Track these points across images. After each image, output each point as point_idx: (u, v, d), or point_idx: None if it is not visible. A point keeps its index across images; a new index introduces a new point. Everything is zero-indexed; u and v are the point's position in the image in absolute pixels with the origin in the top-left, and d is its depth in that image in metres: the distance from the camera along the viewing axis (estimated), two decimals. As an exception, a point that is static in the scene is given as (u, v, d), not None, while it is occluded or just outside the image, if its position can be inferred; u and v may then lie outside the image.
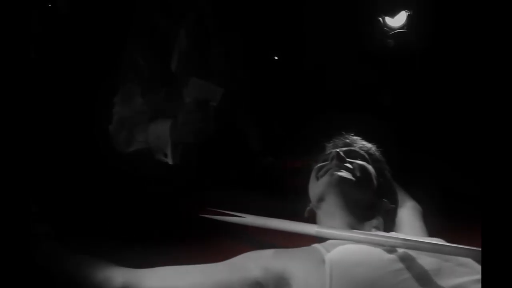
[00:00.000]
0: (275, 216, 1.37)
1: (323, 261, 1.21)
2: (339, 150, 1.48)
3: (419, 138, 2.12)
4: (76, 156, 1.87)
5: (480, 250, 1.15)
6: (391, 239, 1.26)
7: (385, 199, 1.45)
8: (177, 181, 1.87)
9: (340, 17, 2.15)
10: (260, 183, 1.90)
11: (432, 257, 1.22)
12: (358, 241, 1.26)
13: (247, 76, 2.04)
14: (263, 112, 2.09)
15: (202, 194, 1.81)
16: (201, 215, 1.41)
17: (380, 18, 2.15)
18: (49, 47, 1.96)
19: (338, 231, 1.32)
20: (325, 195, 1.42)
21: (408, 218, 1.57)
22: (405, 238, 1.25)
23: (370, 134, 1.59)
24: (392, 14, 2.14)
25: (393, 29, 2.15)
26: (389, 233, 1.37)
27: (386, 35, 2.15)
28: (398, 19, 2.14)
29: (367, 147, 1.55)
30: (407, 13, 2.14)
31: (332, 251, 1.23)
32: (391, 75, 2.21)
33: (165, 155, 1.83)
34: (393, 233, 1.39)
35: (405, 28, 2.14)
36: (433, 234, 1.47)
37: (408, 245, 1.23)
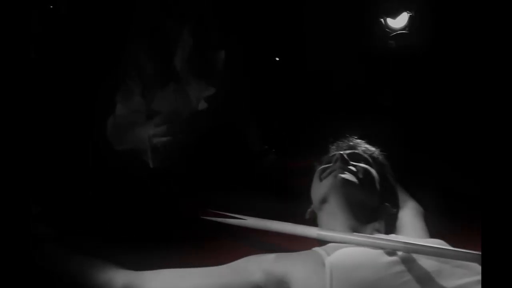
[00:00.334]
0: (276, 218, 1.36)
1: (323, 264, 1.21)
2: (343, 153, 1.48)
3: (420, 138, 2.12)
4: (76, 157, 1.86)
5: (479, 253, 1.15)
6: (392, 242, 1.25)
7: (387, 203, 1.45)
8: (178, 183, 1.87)
9: (341, 18, 2.15)
10: (262, 184, 1.89)
11: (431, 259, 1.22)
12: (359, 244, 1.26)
13: (248, 76, 2.04)
14: (265, 113, 2.09)
15: (203, 196, 1.81)
16: (202, 217, 1.41)
17: (382, 19, 2.15)
18: (49, 47, 1.95)
19: (339, 233, 1.32)
20: (328, 196, 1.41)
21: (409, 219, 1.57)
22: (406, 241, 1.25)
23: (372, 136, 1.59)
24: (394, 15, 2.14)
25: (394, 30, 2.15)
26: (389, 235, 1.37)
27: (387, 36, 2.15)
28: (399, 20, 2.14)
29: (371, 150, 1.55)
30: (408, 14, 2.13)
31: (332, 254, 1.24)
32: (393, 76, 2.21)
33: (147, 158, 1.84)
34: (393, 235, 1.39)
35: (406, 29, 2.14)
36: (434, 235, 1.47)
37: (409, 249, 1.23)
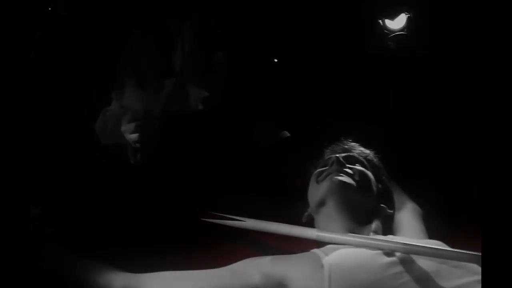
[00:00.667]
0: (275, 220, 1.37)
1: (322, 265, 1.21)
2: (339, 155, 1.49)
3: (419, 140, 2.12)
4: (76, 157, 1.86)
5: (478, 254, 1.16)
6: (391, 243, 1.26)
7: (383, 205, 1.46)
8: (177, 183, 1.87)
9: (339, 19, 2.15)
10: (261, 185, 1.90)
11: (429, 259, 1.22)
12: (358, 245, 1.27)
13: (248, 76, 2.04)
14: (263, 113, 2.09)
15: (202, 198, 1.81)
16: (201, 219, 1.41)
17: (380, 21, 2.15)
18: (49, 47, 1.95)
19: (338, 235, 1.32)
20: (325, 199, 1.42)
21: (408, 220, 1.58)
22: (405, 242, 1.26)
23: (369, 137, 1.60)
24: (392, 16, 2.13)
25: (393, 31, 2.14)
26: (387, 236, 1.38)
27: (386, 37, 2.15)
28: (398, 21, 2.13)
29: (366, 153, 1.57)
30: (407, 15, 2.13)
31: (330, 255, 1.24)
32: (391, 78, 2.21)
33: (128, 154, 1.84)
34: (391, 236, 1.40)
35: (405, 30, 2.14)
36: (433, 235, 1.47)
37: (408, 250, 1.23)
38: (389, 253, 1.23)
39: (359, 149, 1.58)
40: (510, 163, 1.03)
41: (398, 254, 1.23)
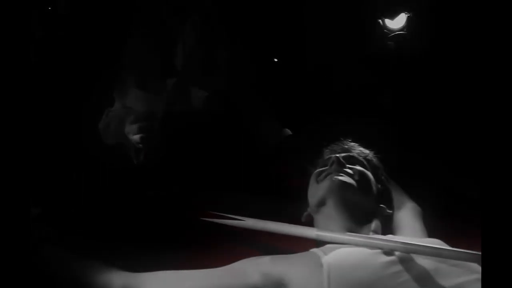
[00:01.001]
0: (275, 219, 1.37)
1: (321, 265, 1.21)
2: (338, 155, 1.50)
3: (418, 139, 2.12)
4: (76, 158, 1.86)
5: (477, 253, 1.16)
6: (390, 242, 1.26)
7: (382, 205, 1.47)
8: (176, 183, 1.87)
9: (339, 19, 2.15)
10: (260, 185, 1.90)
11: (429, 258, 1.22)
12: (358, 245, 1.27)
13: (252, 75, 2.04)
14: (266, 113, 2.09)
15: (201, 197, 1.81)
16: (201, 218, 1.41)
17: (380, 20, 2.15)
18: (49, 48, 1.95)
19: (338, 234, 1.32)
20: (325, 199, 1.43)
21: (407, 219, 1.57)
22: (404, 241, 1.26)
23: (368, 137, 1.60)
24: (392, 16, 2.14)
25: (392, 31, 2.15)
26: (386, 236, 1.38)
27: (386, 37, 2.15)
28: (397, 21, 2.14)
29: (365, 153, 1.57)
30: (406, 15, 2.14)
31: (329, 254, 1.24)
32: (391, 77, 2.22)
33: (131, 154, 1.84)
34: (391, 235, 1.40)
35: (405, 30, 2.14)
36: (432, 235, 1.47)
37: (407, 249, 1.23)
38: (388, 252, 1.23)
39: (358, 149, 1.58)
40: (510, 163, 1.03)
41: (397, 253, 1.23)
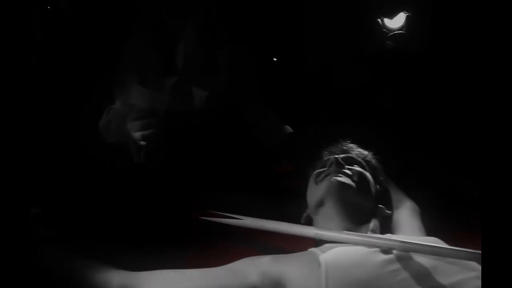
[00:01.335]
0: (273, 218, 1.37)
1: (319, 264, 1.22)
2: (337, 156, 1.50)
3: (418, 138, 2.12)
4: (76, 158, 1.87)
5: (475, 252, 1.16)
6: (389, 241, 1.27)
7: (381, 205, 1.47)
8: (175, 183, 1.87)
9: (338, 18, 2.15)
10: (260, 185, 1.90)
11: (427, 256, 1.23)
12: (357, 243, 1.27)
13: (253, 75, 2.04)
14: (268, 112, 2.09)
15: (200, 196, 1.81)
16: (200, 217, 1.41)
17: (379, 20, 2.15)
18: (49, 49, 1.95)
19: (336, 233, 1.33)
20: (324, 200, 1.43)
21: (406, 218, 1.57)
22: (403, 240, 1.26)
23: (367, 138, 1.61)
24: (391, 15, 2.14)
25: (391, 30, 2.15)
26: (385, 234, 1.38)
27: (385, 36, 2.15)
28: (396, 20, 2.14)
29: (364, 154, 1.58)
30: (405, 14, 2.14)
31: (327, 253, 1.25)
32: (390, 77, 2.22)
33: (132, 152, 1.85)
34: (389, 234, 1.40)
35: (404, 29, 2.14)
36: (431, 233, 1.47)
37: (406, 248, 1.24)
38: (386, 250, 1.24)
39: (357, 150, 1.58)
40: (510, 162, 1.03)
41: (395, 251, 1.24)
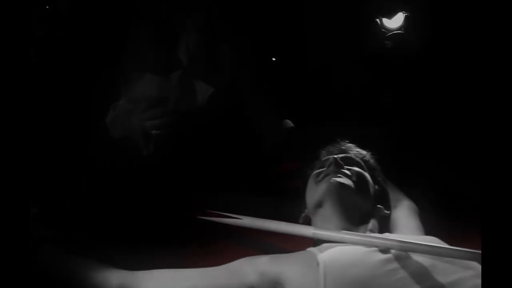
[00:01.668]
0: (272, 218, 1.38)
1: (317, 263, 1.22)
2: (336, 156, 1.50)
3: (416, 138, 2.12)
4: (76, 158, 1.87)
5: (474, 251, 1.17)
6: (388, 241, 1.27)
7: (379, 205, 1.47)
8: (174, 182, 1.87)
9: (336, 18, 2.15)
10: (259, 185, 1.90)
11: (425, 256, 1.23)
12: (355, 243, 1.28)
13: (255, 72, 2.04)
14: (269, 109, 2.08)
15: (199, 195, 1.82)
16: (198, 216, 1.42)
17: (378, 19, 2.15)
18: (49, 49, 1.96)
19: (334, 232, 1.33)
20: (323, 201, 1.43)
21: (404, 217, 1.58)
22: (401, 240, 1.27)
23: (365, 138, 1.61)
24: (390, 15, 2.14)
25: (390, 30, 2.15)
26: (383, 234, 1.39)
27: (383, 36, 2.15)
28: (395, 20, 2.14)
29: (362, 154, 1.57)
30: (404, 14, 2.14)
31: (325, 252, 1.25)
32: (389, 77, 2.22)
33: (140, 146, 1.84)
34: (387, 234, 1.41)
35: (402, 29, 2.14)
36: (429, 233, 1.47)
37: (404, 247, 1.24)
38: (384, 250, 1.24)
39: (355, 150, 1.58)
40: (510, 161, 1.03)
41: (393, 251, 1.24)
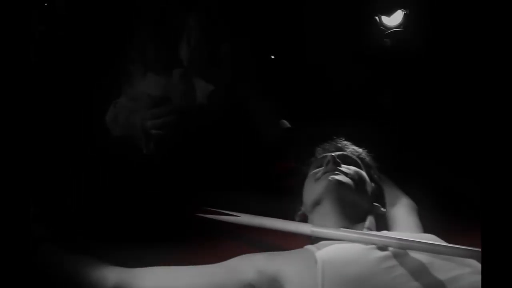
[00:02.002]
0: (270, 216, 1.38)
1: (315, 261, 1.22)
2: (334, 155, 1.50)
3: (415, 137, 2.12)
4: (75, 158, 1.87)
5: (472, 249, 1.17)
6: (386, 238, 1.27)
7: (376, 203, 1.48)
8: (172, 180, 1.88)
9: (335, 16, 2.15)
10: (257, 182, 1.90)
11: (423, 253, 1.23)
12: (353, 241, 1.28)
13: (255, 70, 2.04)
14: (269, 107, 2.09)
15: (198, 194, 1.82)
16: (196, 214, 1.42)
17: (377, 17, 2.15)
18: (49, 49, 1.96)
19: (333, 230, 1.33)
20: (322, 199, 1.43)
21: (403, 215, 1.58)
22: (399, 237, 1.27)
23: (361, 135, 1.61)
24: (389, 13, 2.14)
25: (389, 28, 2.15)
26: (381, 231, 1.39)
27: (382, 34, 2.16)
28: (394, 18, 2.14)
29: (358, 151, 1.58)
30: (403, 12, 2.14)
31: (323, 250, 1.25)
32: (388, 75, 2.22)
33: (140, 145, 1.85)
34: (385, 231, 1.41)
35: (401, 27, 2.14)
36: (428, 230, 1.47)
37: (402, 245, 1.24)
38: (382, 247, 1.24)
39: (351, 148, 1.59)
40: (510, 161, 1.03)
41: (391, 248, 1.24)
